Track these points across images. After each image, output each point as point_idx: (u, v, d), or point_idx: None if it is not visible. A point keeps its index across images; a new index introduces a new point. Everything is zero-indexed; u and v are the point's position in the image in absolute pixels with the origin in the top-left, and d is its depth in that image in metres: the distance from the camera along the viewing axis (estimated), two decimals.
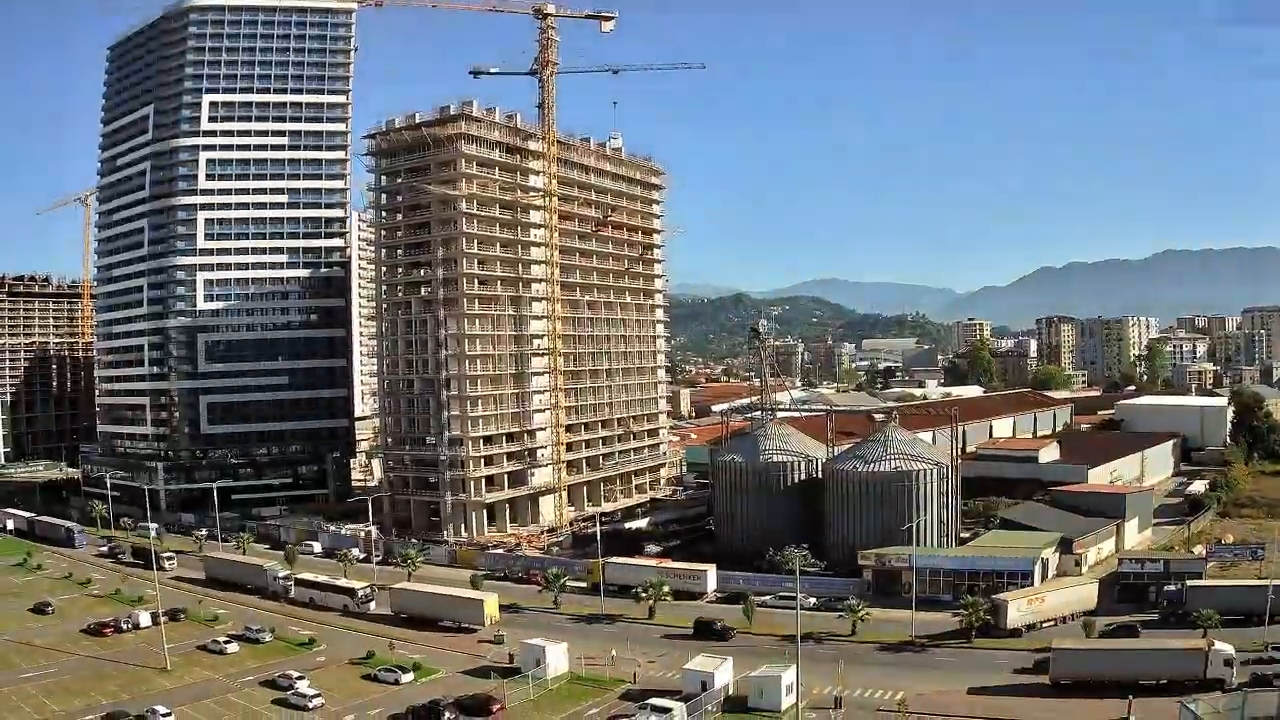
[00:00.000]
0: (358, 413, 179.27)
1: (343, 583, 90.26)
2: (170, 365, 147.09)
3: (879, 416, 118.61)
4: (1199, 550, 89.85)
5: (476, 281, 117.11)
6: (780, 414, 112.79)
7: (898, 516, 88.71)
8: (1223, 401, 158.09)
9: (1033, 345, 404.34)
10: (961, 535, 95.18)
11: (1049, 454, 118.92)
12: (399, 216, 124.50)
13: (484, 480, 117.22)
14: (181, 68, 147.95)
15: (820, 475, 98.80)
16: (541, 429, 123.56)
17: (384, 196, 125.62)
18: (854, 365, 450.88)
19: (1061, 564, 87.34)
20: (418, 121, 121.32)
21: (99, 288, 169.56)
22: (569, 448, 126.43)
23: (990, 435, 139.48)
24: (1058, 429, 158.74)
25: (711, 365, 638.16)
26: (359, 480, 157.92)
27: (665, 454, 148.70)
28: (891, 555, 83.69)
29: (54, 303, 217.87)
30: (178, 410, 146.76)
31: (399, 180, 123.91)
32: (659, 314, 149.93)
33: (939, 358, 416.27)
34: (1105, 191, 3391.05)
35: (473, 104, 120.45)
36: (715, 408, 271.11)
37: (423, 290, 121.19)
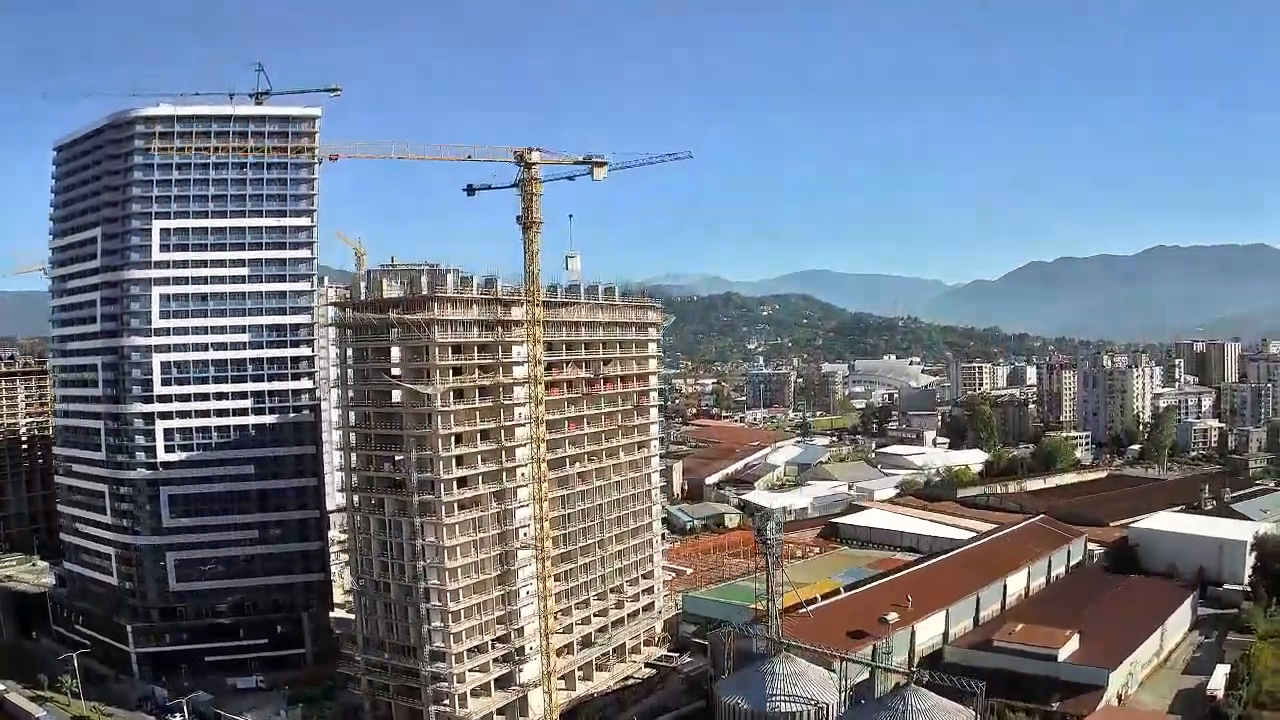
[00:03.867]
0: (337, 503, 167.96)
1: None
2: (135, 517, 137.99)
3: (891, 617, 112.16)
4: None
5: (455, 484, 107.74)
6: (790, 635, 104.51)
7: None
8: (1245, 535, 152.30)
9: (1030, 372, 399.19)
10: None
11: (1069, 648, 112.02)
12: (367, 398, 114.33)
13: (469, 693, 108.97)
14: (129, 187, 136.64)
15: None
16: (530, 622, 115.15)
17: (350, 374, 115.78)
18: (847, 393, 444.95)
19: None
20: (385, 298, 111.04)
21: (59, 420, 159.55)
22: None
23: (1004, 597, 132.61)
24: (1072, 563, 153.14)
25: (700, 373, 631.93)
26: (339, 606, 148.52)
27: (659, 611, 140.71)
28: None
29: (22, 380, 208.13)
30: (145, 565, 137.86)
31: (365, 359, 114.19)
32: (654, 463, 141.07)
33: (935, 392, 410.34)
34: (1097, 188, 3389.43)
35: (446, 280, 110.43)
36: (709, 479, 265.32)
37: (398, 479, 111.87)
